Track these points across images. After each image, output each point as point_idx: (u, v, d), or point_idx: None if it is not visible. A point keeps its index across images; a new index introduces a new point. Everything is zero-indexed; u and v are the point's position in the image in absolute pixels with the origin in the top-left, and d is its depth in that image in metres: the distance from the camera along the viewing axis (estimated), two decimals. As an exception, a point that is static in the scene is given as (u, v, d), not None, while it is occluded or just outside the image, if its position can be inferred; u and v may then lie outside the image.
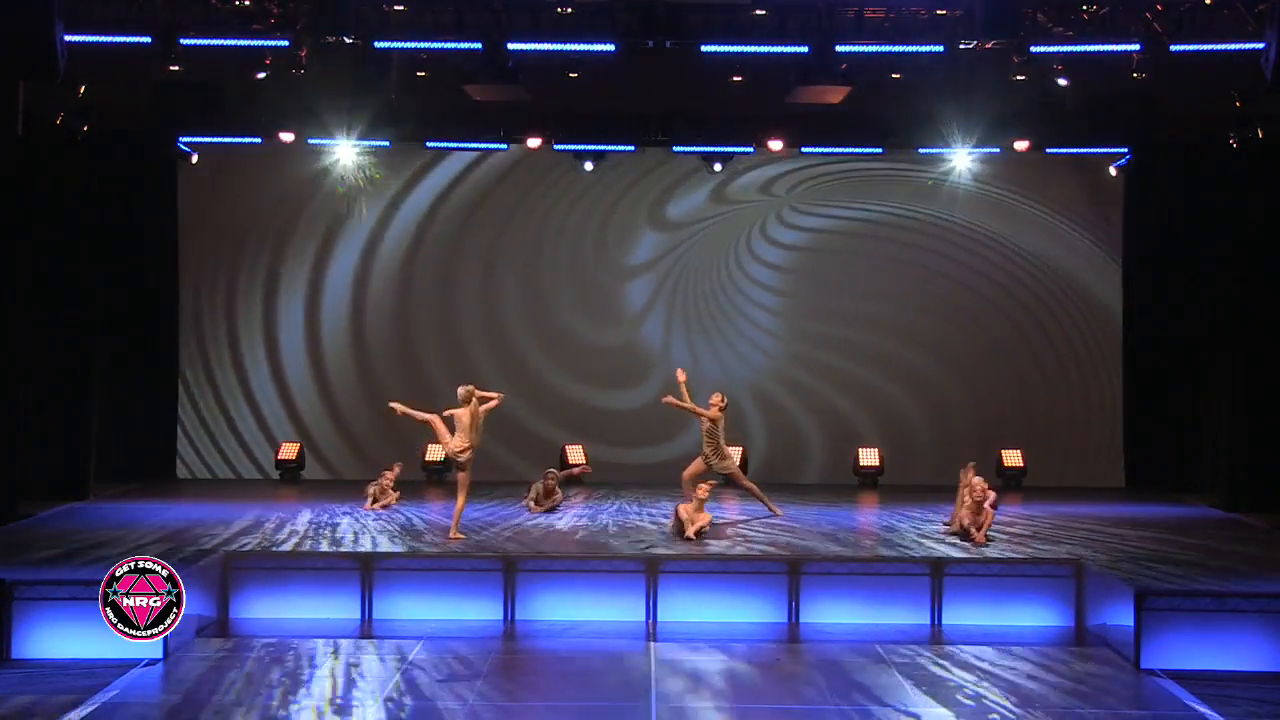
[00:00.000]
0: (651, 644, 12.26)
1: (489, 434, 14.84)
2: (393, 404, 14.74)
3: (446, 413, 14.43)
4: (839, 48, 14.87)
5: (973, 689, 10.87)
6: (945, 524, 15.24)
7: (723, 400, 15.92)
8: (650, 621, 12.99)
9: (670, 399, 15.98)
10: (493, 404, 14.51)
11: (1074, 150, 19.42)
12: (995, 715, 10.21)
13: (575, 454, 19.21)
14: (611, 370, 20.43)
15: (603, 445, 19.72)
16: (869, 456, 19.98)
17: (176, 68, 14.80)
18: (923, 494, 16.76)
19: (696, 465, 15.98)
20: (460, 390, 14.45)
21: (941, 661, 11.69)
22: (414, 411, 14.51)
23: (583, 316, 20.56)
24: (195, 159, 19.68)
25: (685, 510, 14.41)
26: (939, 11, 14.90)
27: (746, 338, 20.58)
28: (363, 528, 15.00)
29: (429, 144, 19.49)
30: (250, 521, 15.38)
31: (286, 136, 18.44)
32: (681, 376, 16.15)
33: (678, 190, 20.50)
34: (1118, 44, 14.87)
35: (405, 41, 15.21)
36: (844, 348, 20.53)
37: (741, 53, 15.27)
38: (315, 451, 20.10)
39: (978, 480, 14.64)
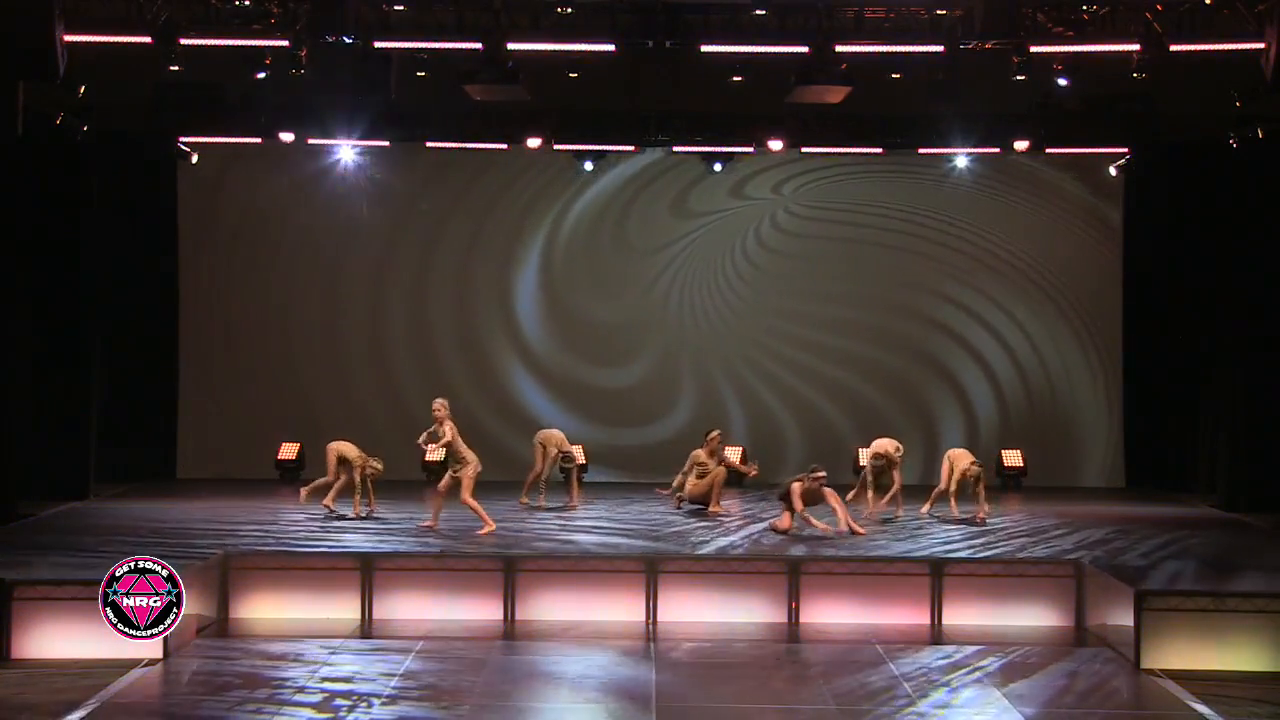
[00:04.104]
0: (651, 644, 12.26)
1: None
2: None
3: (447, 435, 14.62)
4: (839, 48, 14.86)
5: (972, 689, 10.88)
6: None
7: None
8: (650, 621, 12.99)
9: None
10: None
11: (1074, 150, 19.42)
12: (995, 716, 10.21)
13: (575, 453, 19.16)
14: (610, 370, 20.45)
15: (603, 449, 19.70)
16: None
17: (176, 68, 14.80)
18: (923, 493, 16.75)
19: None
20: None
21: (941, 661, 11.69)
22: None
23: (581, 318, 20.56)
24: (195, 159, 19.70)
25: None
26: (939, 11, 14.89)
27: (747, 337, 20.58)
28: (362, 527, 15.01)
29: (429, 144, 19.47)
30: (250, 521, 15.39)
31: (286, 136, 18.45)
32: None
33: (677, 190, 20.50)
34: (1118, 44, 14.87)
35: (405, 41, 15.21)
36: (843, 347, 20.52)
37: (741, 53, 15.27)
38: (316, 452, 20.06)
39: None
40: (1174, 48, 14.61)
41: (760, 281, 20.55)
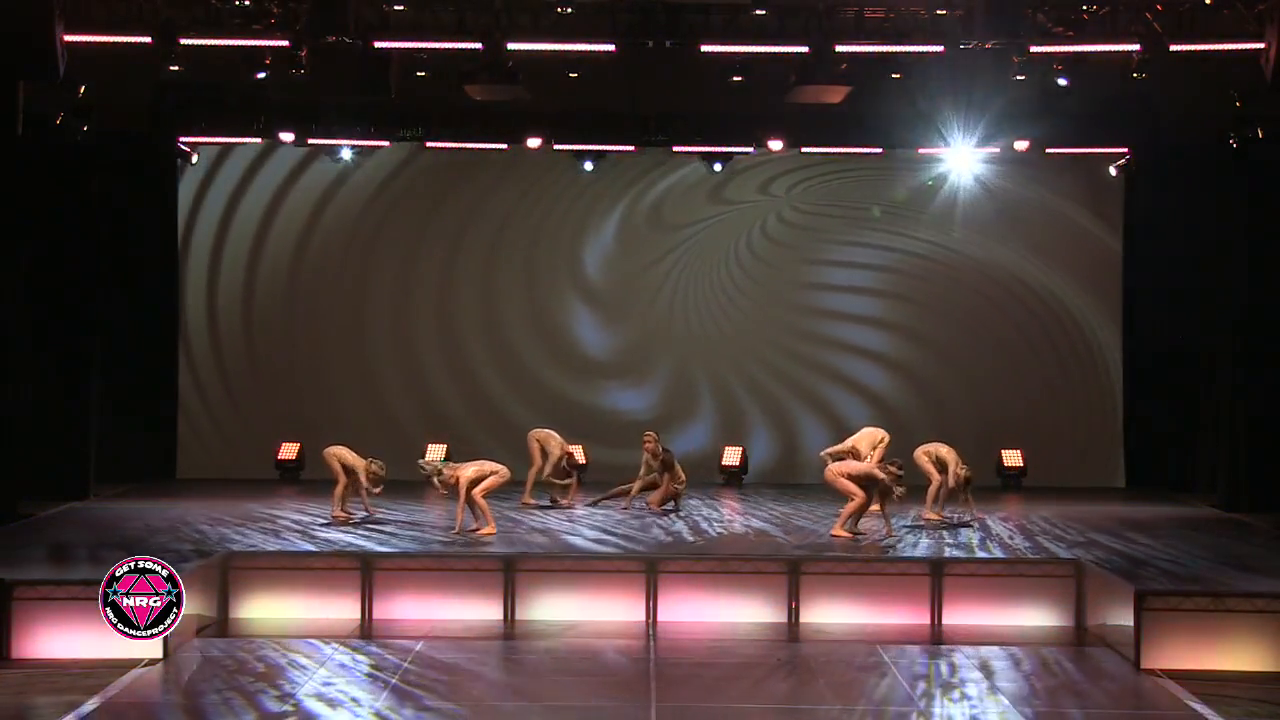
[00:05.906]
0: (651, 644, 12.26)
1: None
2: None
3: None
4: (839, 48, 14.87)
5: (972, 689, 10.88)
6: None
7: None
8: (650, 622, 12.99)
9: None
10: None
11: (1074, 150, 19.42)
12: (995, 715, 10.21)
13: (575, 453, 19.15)
14: (610, 370, 20.47)
15: (603, 446, 19.69)
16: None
17: (176, 68, 14.81)
18: (922, 493, 16.73)
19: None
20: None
21: (941, 661, 11.69)
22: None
23: (581, 318, 20.57)
24: (195, 159, 19.72)
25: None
26: (939, 11, 14.90)
27: (746, 337, 20.58)
28: (362, 527, 15.01)
29: (429, 144, 19.48)
30: (250, 521, 15.39)
31: (286, 136, 18.45)
32: None
33: (677, 190, 20.50)
34: (1118, 44, 14.88)
35: (405, 41, 15.22)
36: (842, 347, 20.53)
37: (741, 53, 15.28)
38: (316, 452, 20.05)
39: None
40: (1174, 48, 14.61)
41: (759, 281, 20.53)
